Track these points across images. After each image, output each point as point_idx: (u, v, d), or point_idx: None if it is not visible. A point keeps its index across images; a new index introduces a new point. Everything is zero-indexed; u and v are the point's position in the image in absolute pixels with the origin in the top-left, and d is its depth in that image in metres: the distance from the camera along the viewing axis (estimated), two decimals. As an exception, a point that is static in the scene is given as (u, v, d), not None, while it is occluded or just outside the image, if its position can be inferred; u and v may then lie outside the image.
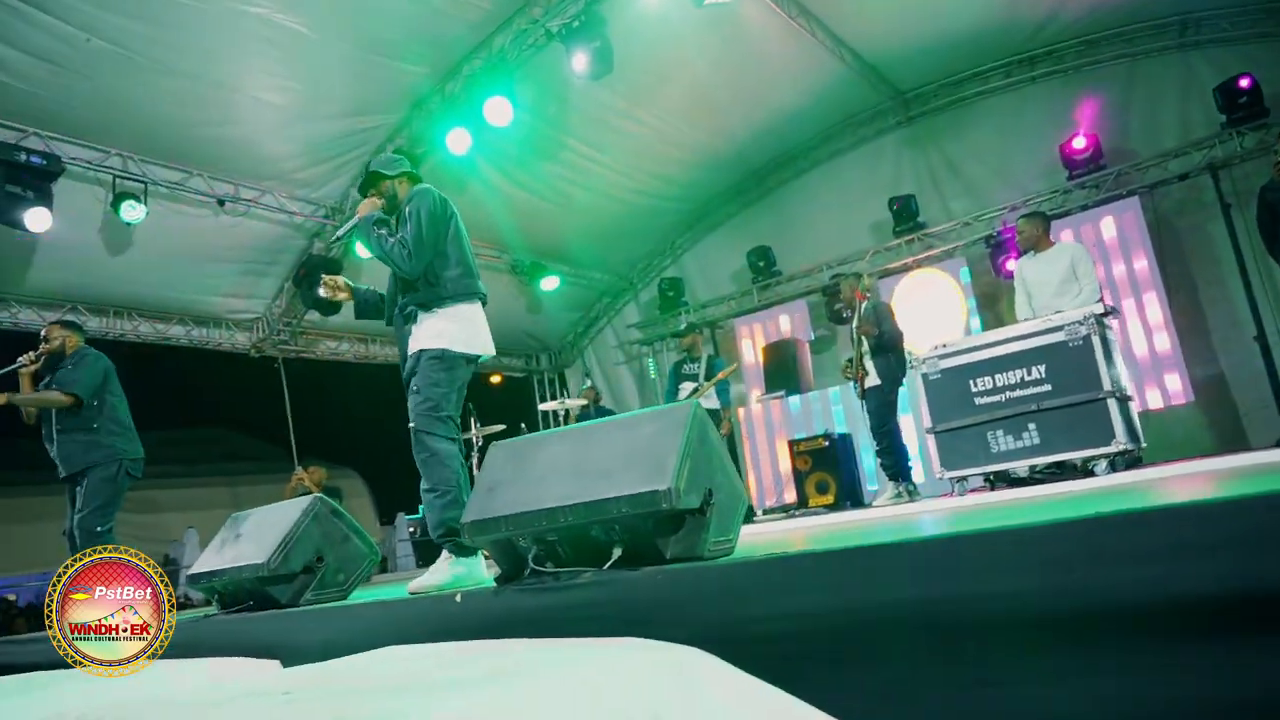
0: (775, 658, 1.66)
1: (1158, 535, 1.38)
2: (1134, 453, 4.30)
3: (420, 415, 3.12)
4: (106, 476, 4.61)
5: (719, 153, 9.69)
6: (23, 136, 6.37)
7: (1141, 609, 1.35)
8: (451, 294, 3.22)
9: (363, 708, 1.38)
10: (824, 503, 6.35)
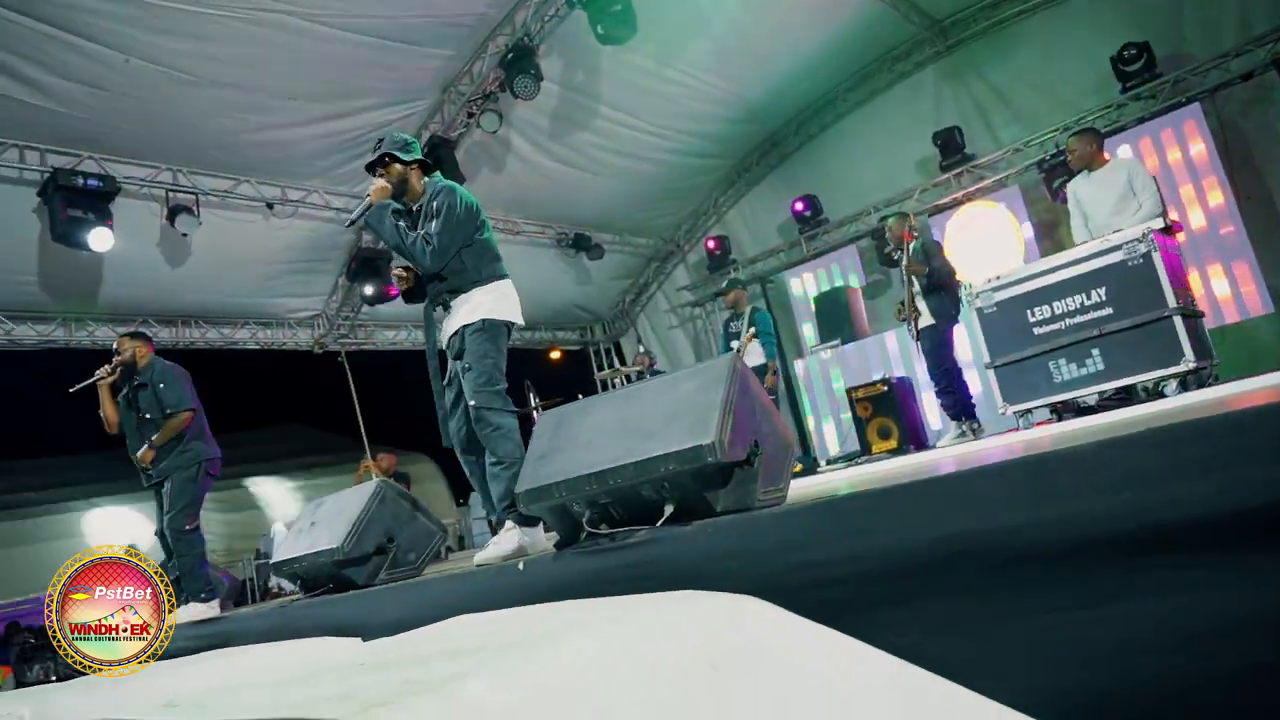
0: (830, 601, 1.66)
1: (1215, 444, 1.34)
2: (1206, 370, 4.13)
3: (479, 392, 3.17)
4: (188, 478, 4.82)
5: (754, 104, 9.51)
6: (78, 161, 6.62)
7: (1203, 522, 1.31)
8: (483, 278, 3.29)
9: (430, 672, 1.43)
10: (887, 448, 6.27)
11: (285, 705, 1.33)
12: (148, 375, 4.93)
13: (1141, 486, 1.36)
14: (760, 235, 10.95)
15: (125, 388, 4.98)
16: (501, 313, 3.28)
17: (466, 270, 3.28)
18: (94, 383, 4.87)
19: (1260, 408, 1.34)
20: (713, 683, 1.35)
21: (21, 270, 7.17)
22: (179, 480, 4.79)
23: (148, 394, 4.91)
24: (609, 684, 1.25)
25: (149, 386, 4.92)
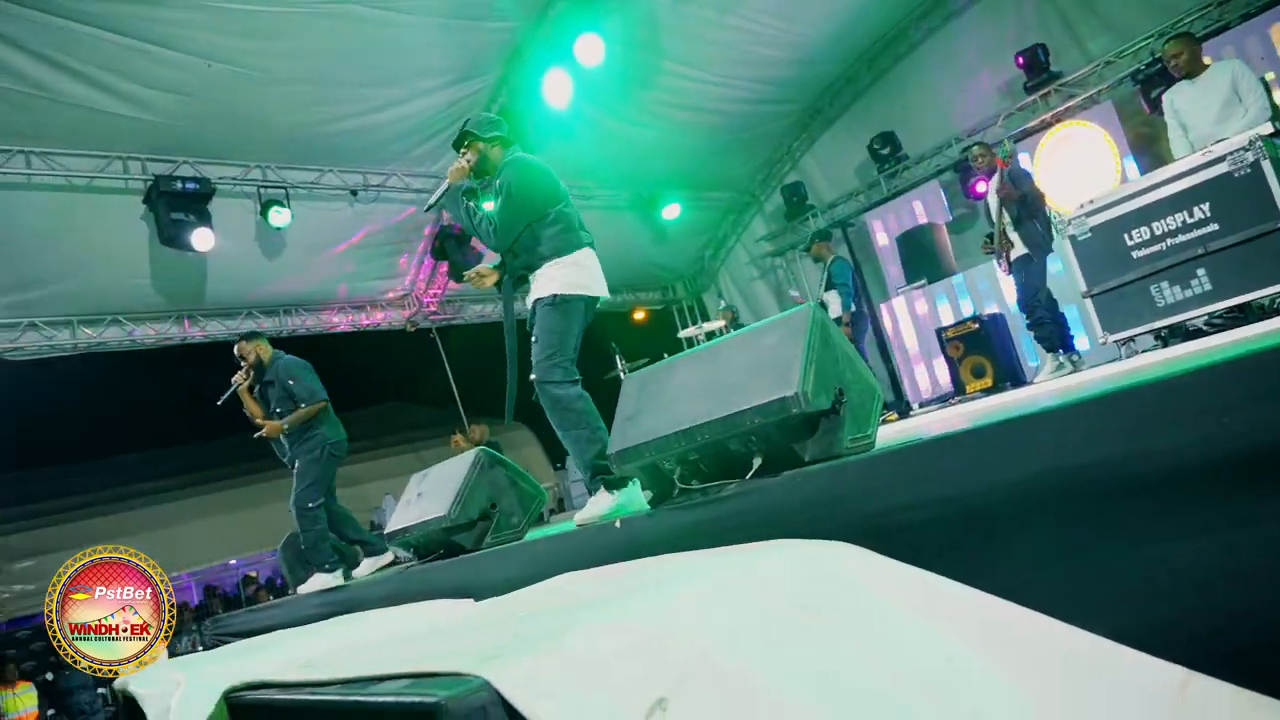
0: (920, 542, 1.68)
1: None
2: (1328, 281, 3.86)
3: (539, 364, 3.15)
4: (312, 459, 5.11)
5: (821, 43, 9.22)
6: (175, 167, 6.99)
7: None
8: (554, 251, 3.22)
9: (536, 625, 1.52)
10: (982, 387, 6.10)
11: (408, 660, 1.45)
12: (274, 373, 5.23)
13: (1243, 412, 1.32)
14: (837, 178, 10.68)
15: (258, 386, 5.30)
16: (576, 286, 3.21)
17: (539, 244, 3.23)
18: (235, 390, 5.25)
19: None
20: (809, 623, 1.39)
21: (137, 274, 7.65)
22: (304, 461, 5.09)
23: (276, 390, 5.19)
24: (709, 628, 1.31)
25: (276, 383, 5.20)
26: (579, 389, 3.18)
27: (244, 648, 3.06)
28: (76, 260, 7.26)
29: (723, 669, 1.24)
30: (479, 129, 3.40)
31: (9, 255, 6.95)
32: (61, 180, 6.60)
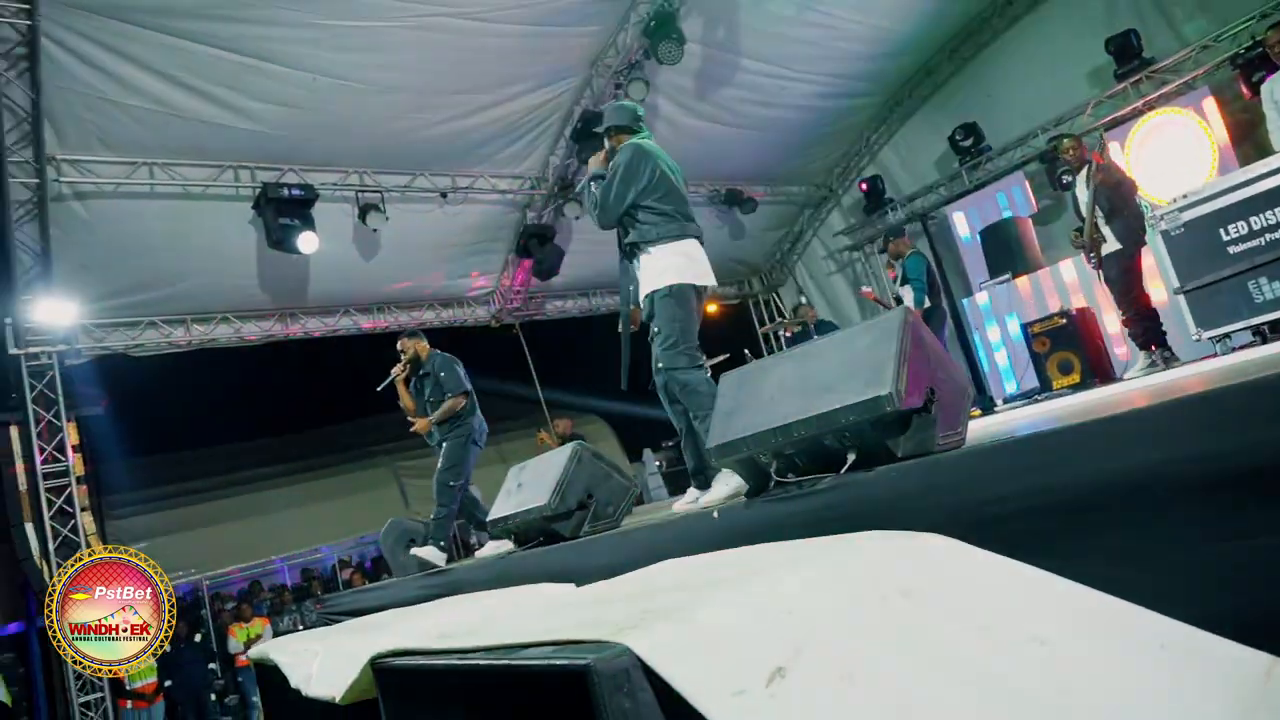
0: (1013, 534, 1.78)
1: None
2: None
3: (664, 354, 3.35)
4: (458, 444, 5.52)
5: (901, 35, 9.16)
6: (281, 174, 7.44)
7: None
8: (659, 236, 3.43)
9: (660, 602, 1.70)
10: (1069, 383, 6.02)
11: (546, 630, 1.63)
12: (430, 365, 5.66)
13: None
14: (917, 171, 10.58)
15: (413, 380, 5.74)
16: (689, 276, 3.41)
17: (645, 225, 3.44)
18: (392, 381, 5.69)
19: None
20: (910, 607, 1.52)
21: (246, 275, 8.17)
22: (450, 445, 5.50)
23: (431, 381, 5.62)
24: (819, 608, 1.45)
25: (432, 375, 5.63)
26: (705, 373, 3.34)
27: (368, 623, 3.33)
28: (191, 263, 7.80)
29: (833, 643, 1.38)
30: (601, 122, 3.73)
31: (132, 259, 7.52)
32: (179, 189, 7.11)
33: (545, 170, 9.05)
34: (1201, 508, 1.58)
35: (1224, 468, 1.53)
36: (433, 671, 1.88)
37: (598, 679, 1.28)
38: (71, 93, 6.15)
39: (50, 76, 5.91)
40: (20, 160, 6.33)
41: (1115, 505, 1.68)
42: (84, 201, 6.83)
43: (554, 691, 1.40)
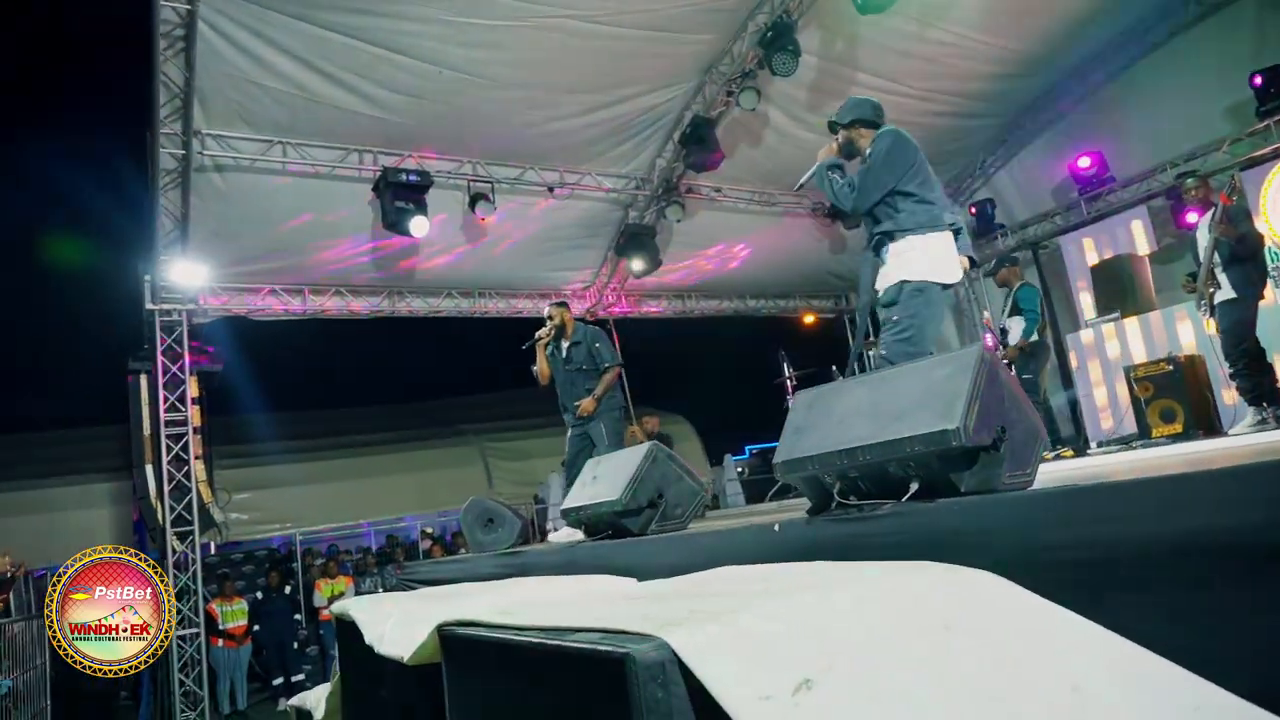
0: (1066, 581, 1.79)
1: None
2: None
3: (893, 343, 3.26)
4: (616, 418, 5.77)
5: (1029, 56, 8.89)
6: (401, 160, 7.82)
7: None
8: (915, 225, 3.37)
9: (709, 604, 1.78)
10: (1170, 432, 5.75)
11: (597, 619, 1.74)
12: (580, 335, 5.85)
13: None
14: (1032, 197, 10.25)
15: (553, 346, 5.91)
16: (942, 275, 3.35)
17: (899, 213, 3.39)
18: (535, 342, 5.88)
19: None
20: (948, 639, 1.57)
21: (359, 253, 8.63)
22: (610, 421, 5.72)
23: (582, 350, 5.79)
24: (859, 627, 1.51)
25: (583, 344, 5.80)
26: None
27: (441, 592, 3.53)
28: (311, 238, 8.29)
29: (864, 664, 1.44)
30: (839, 116, 3.70)
31: (259, 230, 8.06)
32: (308, 168, 7.57)
33: (651, 172, 9.20)
34: (1255, 580, 1.56)
35: (1256, 541, 1.51)
36: (491, 643, 2.02)
37: (635, 668, 1.38)
38: (220, 73, 6.64)
39: (203, 57, 6.40)
40: (170, 133, 6.88)
41: (1171, 567, 1.67)
42: (222, 174, 7.36)
43: (595, 675, 1.50)
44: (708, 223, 9.96)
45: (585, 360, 5.77)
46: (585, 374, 5.77)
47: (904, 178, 3.38)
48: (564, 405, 5.92)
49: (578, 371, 5.81)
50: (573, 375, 5.82)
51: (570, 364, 5.84)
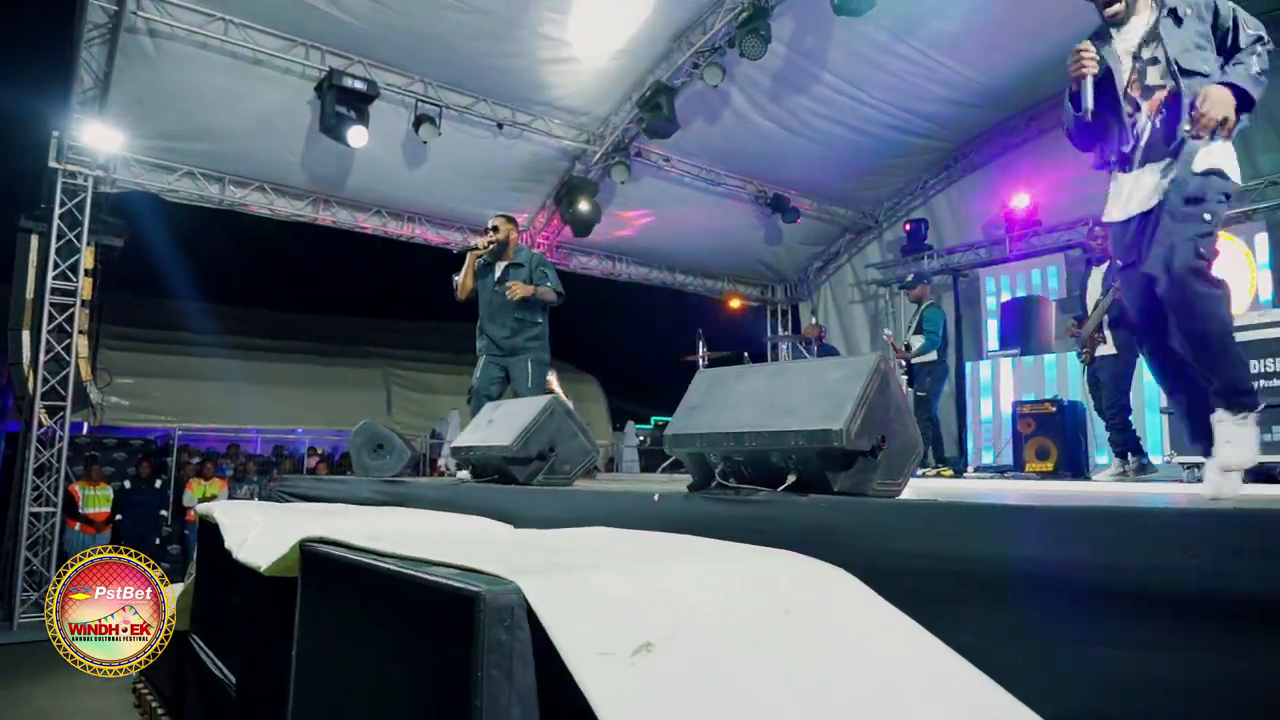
0: (910, 589, 1.89)
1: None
2: None
3: (1189, 256, 2.46)
4: (543, 361, 5.32)
5: (988, 90, 9.13)
6: (349, 64, 7.51)
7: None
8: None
9: (570, 559, 1.82)
10: (1041, 469, 6.11)
11: (459, 556, 1.76)
12: (524, 258, 5.33)
13: (1210, 559, 1.50)
14: (964, 226, 10.59)
15: (485, 261, 5.34)
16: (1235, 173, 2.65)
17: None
18: (470, 249, 5.33)
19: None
20: (786, 624, 1.64)
21: (289, 151, 8.27)
22: (536, 362, 5.27)
23: (523, 273, 5.25)
24: (701, 603, 1.57)
25: (526, 267, 5.27)
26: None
27: (313, 509, 3.48)
28: (241, 126, 7.90)
29: (706, 635, 1.50)
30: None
31: (186, 107, 7.63)
32: (249, 52, 7.18)
33: (604, 128, 9.09)
34: (1076, 613, 1.69)
35: (1095, 581, 1.64)
36: (351, 565, 2.01)
37: (483, 608, 1.39)
38: (169, -69, 6.22)
39: (152, -90, 5.98)
40: (104, -18, 6.43)
41: (1004, 587, 1.79)
42: (155, 40, 6.91)
43: (445, 611, 1.51)
44: (651, 189, 9.93)
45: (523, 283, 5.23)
46: (519, 300, 5.23)
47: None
48: (483, 330, 5.39)
49: (504, 293, 5.25)
50: (501, 299, 5.27)
51: (502, 286, 5.28)
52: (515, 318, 5.25)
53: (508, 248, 5.31)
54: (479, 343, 5.45)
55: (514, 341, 5.29)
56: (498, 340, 5.31)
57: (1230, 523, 1.52)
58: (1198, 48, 2.62)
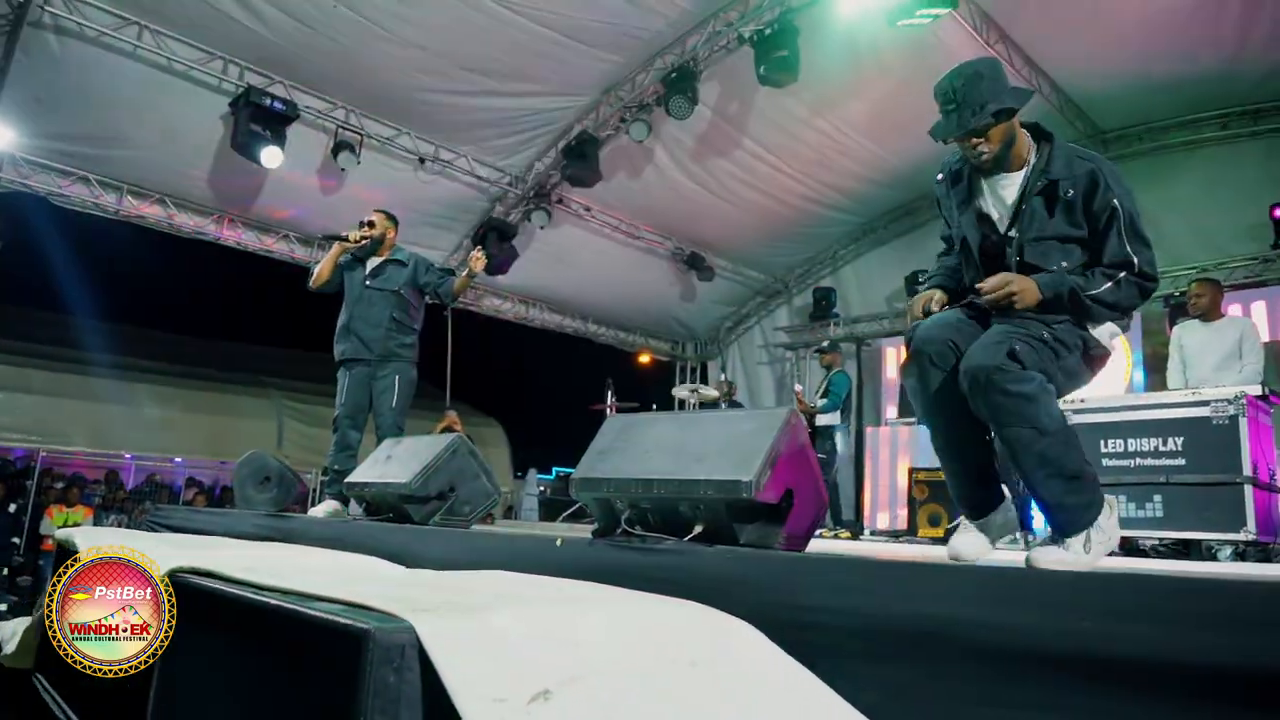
0: (812, 644, 1.88)
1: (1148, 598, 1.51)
2: (1270, 546, 4.09)
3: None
4: (412, 379, 4.89)
5: (896, 171, 9.58)
6: (270, 83, 7.31)
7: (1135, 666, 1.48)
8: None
9: (469, 600, 1.73)
10: (932, 535, 6.30)
11: (351, 593, 1.65)
12: (406, 256, 5.01)
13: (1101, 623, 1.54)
14: (869, 297, 11.01)
15: (364, 258, 4.99)
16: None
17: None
18: (340, 238, 4.92)
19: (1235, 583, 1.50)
20: (689, 676, 1.59)
21: (196, 166, 7.94)
22: (404, 382, 4.85)
23: (404, 272, 4.91)
24: (602, 651, 1.51)
25: (409, 266, 4.94)
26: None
27: (188, 541, 3.23)
28: (147, 136, 7.55)
29: (605, 685, 1.44)
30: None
31: (89, 110, 7.25)
32: (163, 60, 6.89)
33: (527, 173, 9.11)
34: (974, 671, 1.70)
35: (997, 641, 1.66)
36: (223, 598, 1.86)
37: (372, 647, 1.30)
38: (87, -72, 5.97)
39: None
40: (11, -27, 6.09)
41: (904, 644, 1.80)
42: (61, 37, 6.57)
43: (330, 649, 1.41)
44: (570, 237, 9.96)
45: (405, 283, 4.87)
46: (397, 299, 4.82)
47: None
48: (349, 330, 4.86)
49: (390, 294, 4.84)
50: (374, 295, 4.82)
51: (377, 280, 4.87)
52: (393, 318, 4.85)
53: (383, 245, 5.01)
54: (340, 347, 4.93)
55: (386, 345, 4.85)
56: (367, 340, 4.81)
57: (1120, 587, 1.57)
58: (1060, 240, 2.31)
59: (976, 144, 2.31)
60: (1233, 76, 7.66)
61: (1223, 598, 1.41)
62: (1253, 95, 7.96)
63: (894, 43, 7.14)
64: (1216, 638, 1.36)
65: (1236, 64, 7.46)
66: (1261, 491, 4.00)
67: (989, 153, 2.32)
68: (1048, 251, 2.31)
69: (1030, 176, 2.34)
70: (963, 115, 2.26)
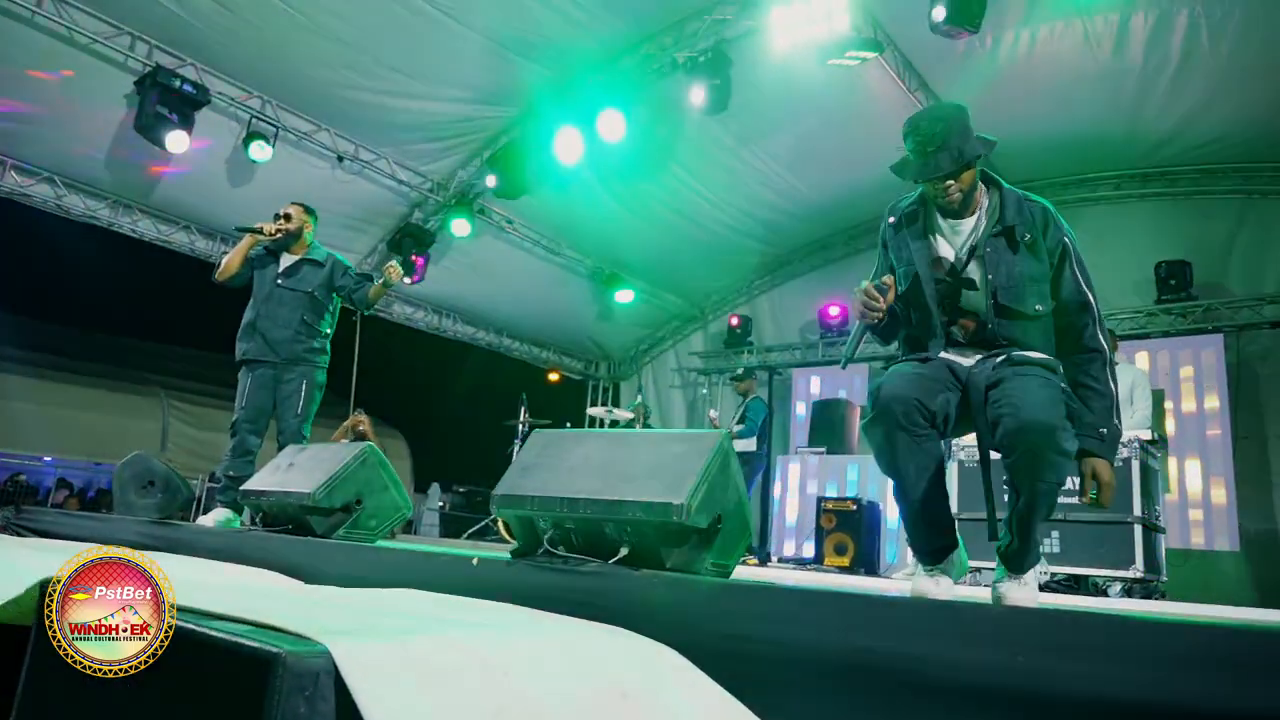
0: (738, 672, 1.83)
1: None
2: (1153, 583, 4.30)
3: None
4: (320, 385, 4.73)
5: (814, 205, 9.83)
6: (180, 65, 6.93)
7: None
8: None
9: (384, 621, 1.61)
10: (839, 564, 6.42)
11: (250, 610, 1.51)
12: (322, 256, 4.82)
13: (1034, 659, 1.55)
14: (782, 327, 11.22)
15: (265, 248, 4.77)
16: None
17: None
18: (253, 230, 4.68)
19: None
20: (621, 708, 1.52)
21: (93, 145, 7.44)
22: (311, 387, 4.65)
23: (320, 273, 4.72)
24: (537, 678, 1.42)
25: (325, 268, 4.73)
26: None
27: (59, 547, 2.95)
28: (38, 109, 7.03)
29: (537, 716, 1.35)
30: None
31: (-24, 76, 6.70)
32: (64, 30, 6.45)
33: (450, 180, 8.92)
34: (906, 703, 1.69)
35: (930, 674, 1.65)
36: (107, 614, 1.68)
37: (282, 673, 1.18)
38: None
39: None
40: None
41: (830, 675, 1.77)
42: (-55, -6, 6.07)
43: (233, 674, 1.28)
44: (489, 249, 9.79)
45: (320, 285, 4.68)
46: (310, 301, 4.63)
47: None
48: (255, 329, 4.62)
49: (302, 295, 4.63)
50: (285, 295, 4.62)
51: (290, 280, 4.67)
52: (303, 320, 4.65)
53: (299, 240, 4.80)
54: (243, 346, 4.69)
55: (293, 348, 4.64)
56: (274, 342, 4.59)
57: (1056, 624, 1.58)
58: (1032, 279, 2.35)
59: (949, 187, 2.37)
60: (1129, 141, 8.20)
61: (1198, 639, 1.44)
62: (1144, 161, 8.53)
63: (821, 79, 7.32)
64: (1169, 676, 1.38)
65: (1133, 131, 7.99)
66: (1150, 532, 4.21)
67: (960, 196, 2.39)
68: (1021, 294, 2.36)
69: (987, 220, 2.41)
70: (941, 159, 2.32)
